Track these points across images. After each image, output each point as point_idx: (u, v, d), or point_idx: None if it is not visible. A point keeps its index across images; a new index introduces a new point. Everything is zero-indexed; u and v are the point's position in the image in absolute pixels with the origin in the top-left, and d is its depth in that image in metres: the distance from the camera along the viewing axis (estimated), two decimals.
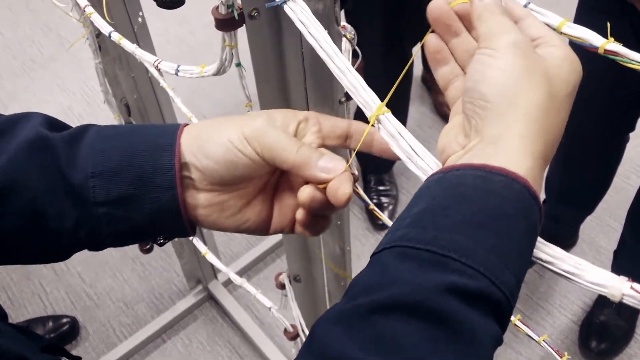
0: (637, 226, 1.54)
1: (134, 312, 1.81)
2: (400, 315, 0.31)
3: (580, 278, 0.36)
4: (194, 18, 2.81)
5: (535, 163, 0.36)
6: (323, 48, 0.45)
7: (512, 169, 0.35)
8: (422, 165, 0.41)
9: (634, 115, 1.39)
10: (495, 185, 0.34)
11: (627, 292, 0.33)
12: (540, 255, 0.37)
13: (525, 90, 0.37)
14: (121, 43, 0.72)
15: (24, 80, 2.62)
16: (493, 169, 0.35)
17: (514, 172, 0.35)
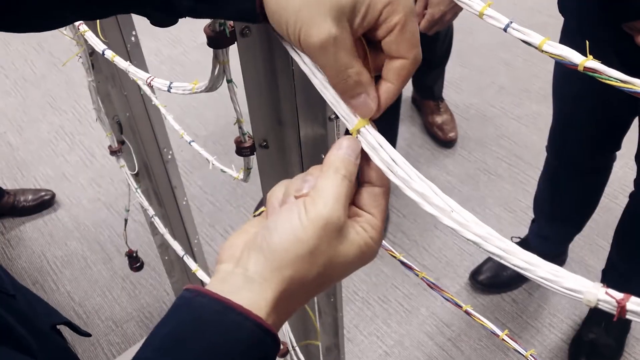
0: (624, 247, 1.56)
1: (123, 331, 1.80)
2: None
3: (556, 284, 0.36)
4: (187, 38, 2.84)
5: (277, 318, 0.41)
6: (305, 62, 0.46)
7: (256, 311, 0.39)
8: (402, 175, 0.42)
9: (619, 136, 1.41)
10: (230, 325, 0.38)
11: (602, 297, 0.34)
12: (516, 262, 0.38)
13: (302, 264, 0.40)
14: (115, 60, 0.73)
15: (16, 98, 2.62)
16: (235, 306, 0.39)
17: (256, 315, 0.39)
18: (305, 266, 0.40)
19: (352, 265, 0.42)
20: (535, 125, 2.35)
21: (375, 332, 1.77)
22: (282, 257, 0.40)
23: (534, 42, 0.44)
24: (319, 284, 0.41)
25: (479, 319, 0.74)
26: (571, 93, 1.38)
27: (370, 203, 0.43)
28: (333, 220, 0.40)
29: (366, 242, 0.42)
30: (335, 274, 0.42)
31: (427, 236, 1.99)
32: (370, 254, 0.42)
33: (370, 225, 0.42)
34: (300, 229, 0.40)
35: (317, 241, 0.39)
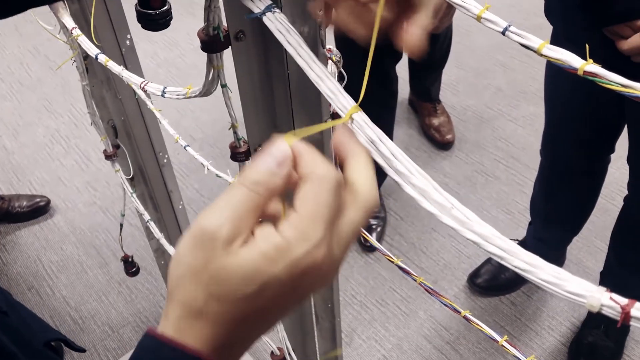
0: (621, 250, 1.55)
1: (120, 336, 1.79)
2: None
3: (559, 288, 0.35)
4: (184, 41, 2.83)
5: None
6: (301, 55, 0.45)
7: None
8: (401, 169, 0.42)
9: (611, 139, 1.41)
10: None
11: (606, 302, 0.33)
12: (517, 263, 0.37)
13: (184, 284, 0.35)
14: (108, 65, 0.72)
15: (12, 102, 2.61)
16: (167, 341, 0.35)
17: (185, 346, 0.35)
18: (189, 287, 0.35)
19: (265, 279, 0.34)
20: (532, 126, 2.35)
21: (374, 335, 1.76)
22: (170, 281, 0.36)
23: (533, 46, 0.44)
24: (233, 307, 0.35)
25: (477, 324, 0.74)
26: (561, 97, 1.38)
27: (296, 200, 0.36)
28: (207, 230, 0.34)
29: (274, 245, 0.34)
30: (255, 294, 0.34)
31: (425, 239, 1.98)
32: (290, 255, 0.34)
33: (289, 224, 0.35)
34: (180, 247, 0.36)
35: (190, 257, 0.35)
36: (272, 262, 0.34)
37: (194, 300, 0.35)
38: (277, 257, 0.34)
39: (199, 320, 0.35)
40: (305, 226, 0.34)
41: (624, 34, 1.03)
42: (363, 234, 0.87)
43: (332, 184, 0.35)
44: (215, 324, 0.35)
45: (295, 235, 0.34)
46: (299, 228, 0.34)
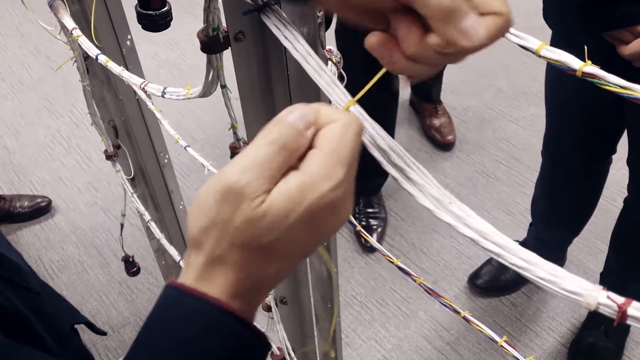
0: (621, 252, 1.55)
1: (120, 336, 1.79)
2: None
3: (556, 285, 0.35)
4: (185, 42, 2.84)
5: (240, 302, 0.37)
6: (297, 49, 0.45)
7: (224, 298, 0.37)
8: (399, 163, 0.42)
9: (612, 140, 1.41)
10: (186, 311, 0.36)
11: (603, 301, 0.33)
12: (514, 260, 0.37)
13: (207, 237, 0.37)
14: (108, 66, 0.73)
15: (13, 102, 2.61)
16: (190, 291, 0.37)
17: (223, 303, 0.36)
18: (212, 237, 0.36)
19: (290, 220, 0.35)
20: (533, 127, 2.35)
21: (374, 336, 1.76)
22: (191, 231, 0.37)
23: (532, 47, 0.44)
24: (256, 253, 0.36)
25: (477, 325, 0.74)
26: (562, 99, 1.38)
27: (320, 139, 0.36)
28: (234, 186, 0.35)
29: (298, 186, 0.35)
30: (278, 239, 0.36)
31: (425, 239, 1.98)
32: (311, 195, 0.35)
33: (313, 161, 0.35)
34: (203, 198, 0.36)
35: (215, 210, 0.35)
36: (296, 204, 0.35)
37: (218, 248, 0.36)
38: (301, 198, 0.35)
39: (220, 268, 0.36)
40: (330, 165, 0.35)
41: (624, 39, 1.03)
42: (363, 234, 0.87)
43: (357, 128, 0.37)
44: (237, 271, 0.36)
45: (319, 172, 0.35)
46: (324, 166, 0.35)
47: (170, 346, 0.36)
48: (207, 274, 0.37)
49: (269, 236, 0.35)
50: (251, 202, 0.35)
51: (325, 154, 0.36)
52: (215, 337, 0.36)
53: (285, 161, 0.36)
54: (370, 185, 2.01)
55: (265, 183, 0.35)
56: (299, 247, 0.37)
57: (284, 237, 0.36)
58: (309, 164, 0.36)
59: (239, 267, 0.36)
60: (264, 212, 0.35)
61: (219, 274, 0.36)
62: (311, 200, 0.35)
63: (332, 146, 0.36)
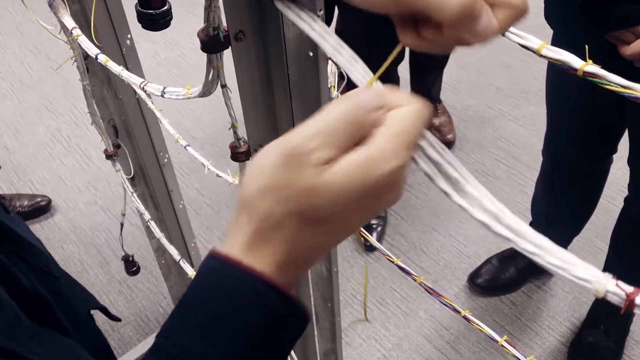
0: (621, 250, 1.55)
1: (120, 335, 1.79)
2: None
3: (566, 272, 0.35)
4: (185, 41, 2.83)
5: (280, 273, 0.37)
6: (315, 29, 0.45)
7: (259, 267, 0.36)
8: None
9: (613, 140, 1.41)
10: (228, 281, 0.36)
11: (612, 289, 0.33)
12: (525, 245, 0.37)
13: (261, 199, 0.36)
14: (108, 65, 0.73)
15: (13, 101, 2.61)
16: (233, 262, 0.36)
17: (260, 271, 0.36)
18: (268, 201, 0.35)
19: (353, 192, 0.34)
20: (533, 126, 2.34)
21: (374, 335, 1.76)
22: (245, 193, 0.36)
23: (533, 47, 0.44)
24: (311, 225, 0.35)
25: (477, 324, 0.74)
26: (563, 99, 1.38)
27: (392, 118, 0.36)
28: (295, 146, 0.34)
29: (366, 158, 0.34)
30: (336, 211, 0.35)
31: (425, 238, 1.98)
32: (377, 171, 0.34)
33: (383, 136, 0.35)
34: (264, 159, 0.35)
35: (274, 173, 0.35)
36: (361, 177, 0.34)
37: (273, 215, 0.35)
38: (367, 171, 0.34)
39: (272, 237, 0.35)
40: (399, 144, 0.35)
41: (626, 40, 1.03)
42: (363, 233, 0.87)
43: (426, 115, 0.37)
44: (288, 242, 0.36)
45: (388, 150, 0.35)
46: (393, 144, 0.35)
47: (212, 318, 0.36)
48: (256, 244, 0.36)
49: (328, 207, 0.35)
50: (315, 168, 0.34)
51: (395, 133, 0.35)
52: (258, 312, 0.35)
53: (352, 135, 0.35)
54: None
55: (331, 152, 0.34)
56: (352, 222, 0.37)
57: (341, 210, 0.35)
58: (379, 140, 0.35)
59: (291, 238, 0.35)
60: (329, 181, 0.34)
61: (269, 245, 0.36)
62: (376, 176, 0.34)
63: (404, 127, 0.35)
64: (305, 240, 0.36)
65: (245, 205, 0.36)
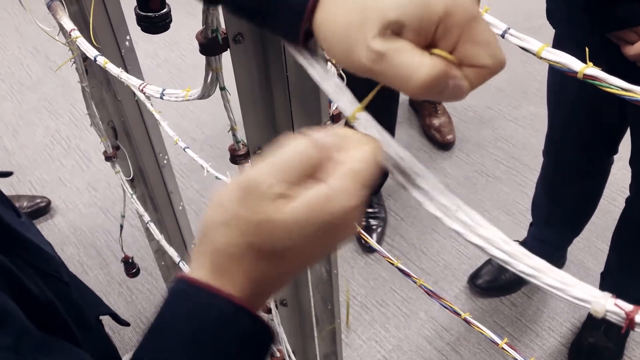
0: (622, 251, 1.55)
1: (120, 336, 1.79)
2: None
3: (564, 292, 0.35)
4: (184, 42, 2.83)
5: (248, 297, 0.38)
6: (303, 56, 0.45)
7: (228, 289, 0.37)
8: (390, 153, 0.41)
9: (614, 140, 1.41)
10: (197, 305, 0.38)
11: (611, 308, 0.33)
12: (522, 268, 0.37)
13: (219, 232, 0.37)
14: (107, 67, 0.72)
15: (12, 102, 2.61)
16: (202, 285, 0.38)
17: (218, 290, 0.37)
18: (230, 234, 0.37)
19: (309, 228, 0.36)
20: (533, 127, 2.34)
21: (374, 336, 1.75)
22: (207, 225, 0.38)
23: (533, 49, 0.44)
24: (269, 257, 0.37)
25: (478, 327, 0.74)
26: (564, 100, 1.37)
27: (344, 156, 0.38)
28: (257, 183, 0.36)
29: (322, 196, 0.36)
30: (293, 245, 0.36)
31: (425, 239, 1.98)
32: (332, 209, 0.36)
33: (337, 174, 0.36)
34: (224, 194, 0.37)
35: (236, 205, 0.36)
36: (317, 214, 0.36)
37: (235, 246, 0.36)
38: (322, 208, 0.36)
39: (234, 266, 0.37)
40: (355, 184, 0.36)
41: (629, 40, 1.02)
42: (362, 235, 0.87)
43: (379, 153, 0.39)
44: (248, 271, 0.37)
45: (344, 188, 0.36)
46: (350, 183, 0.36)
47: (183, 339, 0.37)
48: (220, 271, 0.37)
49: (285, 241, 0.36)
50: (273, 202, 0.36)
51: (352, 173, 0.37)
52: (227, 332, 0.37)
53: (306, 171, 0.37)
54: None
55: (289, 187, 0.36)
56: (308, 257, 0.39)
57: (298, 245, 0.36)
58: (336, 178, 0.36)
59: (251, 270, 0.37)
60: (286, 216, 0.35)
61: (230, 276, 0.37)
62: (331, 213, 0.36)
63: (360, 167, 0.37)
64: (265, 272, 0.38)
65: (206, 237, 0.38)
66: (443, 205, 0.40)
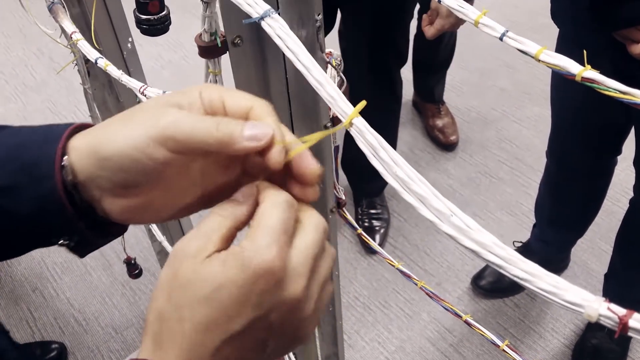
0: (626, 252, 1.54)
1: (123, 337, 1.79)
2: None
3: (557, 297, 0.35)
4: (188, 43, 2.84)
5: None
6: (300, 60, 0.45)
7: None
8: (401, 175, 0.42)
9: (618, 141, 1.40)
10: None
11: (604, 312, 0.33)
12: (516, 272, 0.37)
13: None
14: (108, 69, 0.73)
15: (16, 104, 2.62)
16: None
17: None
18: (159, 301, 0.37)
19: (230, 282, 0.36)
20: (536, 128, 2.34)
21: (377, 337, 1.75)
22: (147, 314, 0.39)
23: (531, 52, 0.43)
24: (202, 321, 0.36)
25: (479, 329, 0.74)
26: (568, 101, 1.37)
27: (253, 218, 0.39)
28: (178, 247, 0.38)
29: (232, 252, 0.37)
30: (218, 299, 0.36)
31: (428, 240, 1.98)
32: (239, 258, 0.36)
33: (247, 237, 0.37)
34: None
35: (162, 274, 0.38)
36: (227, 266, 0.36)
37: (161, 311, 0.37)
38: (232, 261, 0.36)
39: (166, 338, 0.37)
40: (256, 234, 0.37)
41: (634, 38, 1.02)
42: (364, 237, 0.87)
43: (283, 203, 0.39)
44: (179, 336, 0.36)
45: (250, 240, 0.37)
46: (251, 237, 0.37)
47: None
48: (157, 342, 0.37)
49: (203, 291, 0.36)
50: (194, 260, 0.36)
51: (254, 228, 0.37)
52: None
53: (227, 227, 0.38)
54: (372, 186, 2.01)
55: (207, 244, 0.37)
56: (245, 333, 0.37)
57: (217, 296, 0.36)
58: (245, 240, 0.37)
59: (184, 341, 0.36)
60: (200, 270, 0.36)
61: (168, 341, 0.37)
62: (239, 262, 0.36)
63: (261, 221, 0.38)
64: (194, 334, 0.36)
65: (147, 311, 0.39)
66: (437, 210, 0.40)
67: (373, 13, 1.60)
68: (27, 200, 0.40)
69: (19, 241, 0.43)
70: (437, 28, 1.32)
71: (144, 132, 0.38)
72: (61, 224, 0.41)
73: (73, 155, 0.39)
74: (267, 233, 0.37)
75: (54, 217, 0.40)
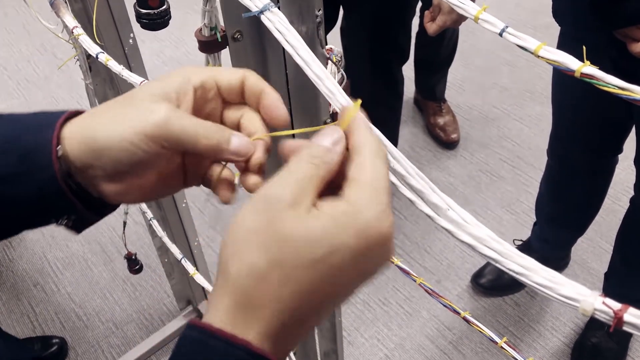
0: (626, 251, 1.54)
1: (124, 333, 1.80)
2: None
3: (552, 291, 0.35)
4: (190, 39, 2.84)
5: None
6: (300, 55, 0.45)
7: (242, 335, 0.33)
8: (399, 169, 0.42)
9: (618, 139, 1.40)
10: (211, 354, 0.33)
11: (599, 307, 0.33)
12: (512, 266, 0.37)
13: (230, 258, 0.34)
14: (108, 64, 0.73)
15: (19, 100, 2.62)
16: (217, 332, 0.33)
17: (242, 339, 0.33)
18: (248, 252, 0.33)
19: (337, 238, 0.32)
20: (537, 126, 2.34)
21: (376, 335, 1.76)
22: (223, 254, 0.35)
23: (530, 47, 0.43)
24: (297, 275, 0.32)
25: (477, 326, 0.74)
26: (569, 99, 1.37)
27: (352, 169, 0.36)
28: (271, 194, 0.34)
29: (345, 210, 0.33)
30: (320, 254, 0.32)
31: (428, 238, 1.98)
32: (362, 218, 0.33)
33: (353, 191, 0.34)
34: (238, 215, 0.35)
35: (250, 220, 0.34)
36: (342, 227, 0.33)
37: (254, 266, 0.33)
38: (346, 222, 0.33)
39: (256, 294, 0.33)
40: (371, 192, 0.34)
41: (635, 36, 1.02)
42: None
43: (384, 155, 0.37)
44: (272, 301, 0.33)
45: (363, 200, 0.34)
46: (366, 194, 0.34)
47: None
48: (240, 308, 0.33)
49: (311, 254, 0.32)
50: (291, 208, 0.33)
51: (364, 184, 0.35)
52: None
53: (319, 176, 0.35)
54: None
55: (303, 194, 0.34)
56: (344, 279, 0.34)
57: (328, 261, 0.33)
58: (353, 193, 0.34)
59: (276, 295, 0.33)
60: (306, 226, 0.33)
61: (254, 305, 0.33)
62: (358, 227, 0.33)
63: (368, 176, 0.35)
64: (291, 303, 0.33)
65: (225, 271, 0.34)
66: (434, 204, 0.40)
67: (375, 10, 1.60)
68: (26, 188, 0.41)
69: (16, 224, 0.44)
70: (439, 24, 1.32)
71: (137, 127, 0.39)
72: (60, 206, 0.42)
73: (67, 145, 0.40)
74: (381, 193, 0.34)
75: (54, 202, 0.41)
